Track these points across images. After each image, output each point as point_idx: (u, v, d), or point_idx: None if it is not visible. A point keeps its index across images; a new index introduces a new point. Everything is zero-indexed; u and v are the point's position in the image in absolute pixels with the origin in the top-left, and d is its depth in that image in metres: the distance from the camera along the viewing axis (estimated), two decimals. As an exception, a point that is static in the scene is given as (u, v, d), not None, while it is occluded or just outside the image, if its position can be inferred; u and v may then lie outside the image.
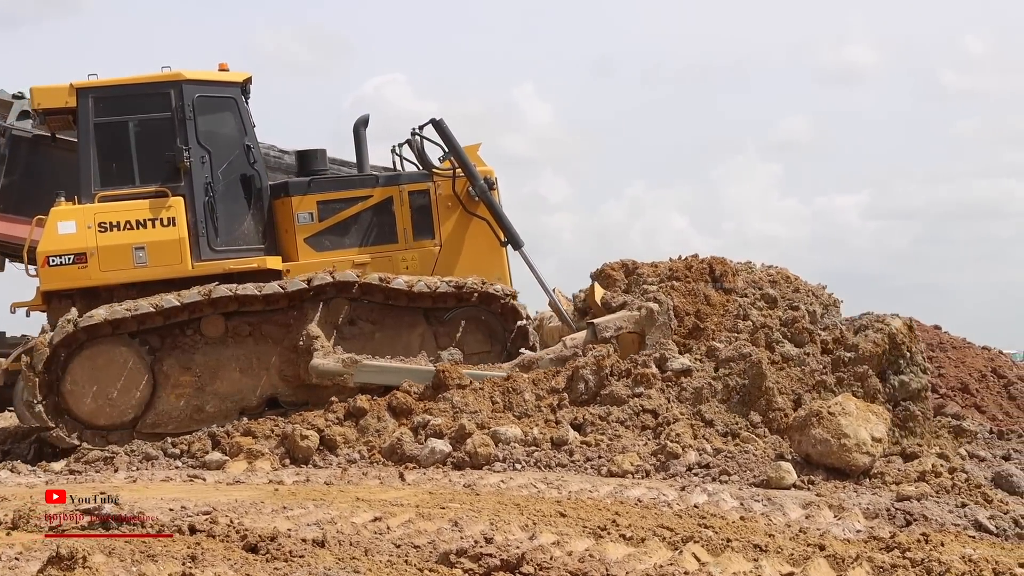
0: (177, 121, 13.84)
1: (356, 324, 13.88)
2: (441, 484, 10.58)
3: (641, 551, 7.37)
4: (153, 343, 13.44)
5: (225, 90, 14.28)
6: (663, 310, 13.34)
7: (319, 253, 14.42)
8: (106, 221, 13.50)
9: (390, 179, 14.96)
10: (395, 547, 7.46)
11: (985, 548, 8.05)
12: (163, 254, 13.58)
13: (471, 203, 14.85)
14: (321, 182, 14.76)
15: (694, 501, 9.58)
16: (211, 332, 13.51)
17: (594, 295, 14.37)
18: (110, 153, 13.88)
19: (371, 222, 14.77)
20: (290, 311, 13.67)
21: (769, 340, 13.00)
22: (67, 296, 13.60)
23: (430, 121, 14.77)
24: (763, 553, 7.38)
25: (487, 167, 15.03)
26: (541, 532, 7.83)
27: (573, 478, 10.77)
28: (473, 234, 14.91)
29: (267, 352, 13.58)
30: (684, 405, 12.36)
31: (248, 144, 14.26)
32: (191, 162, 13.79)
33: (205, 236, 13.86)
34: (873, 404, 11.58)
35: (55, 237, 13.45)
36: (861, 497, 9.93)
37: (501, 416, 12.47)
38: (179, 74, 13.98)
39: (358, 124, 15.28)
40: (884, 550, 7.72)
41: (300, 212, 14.44)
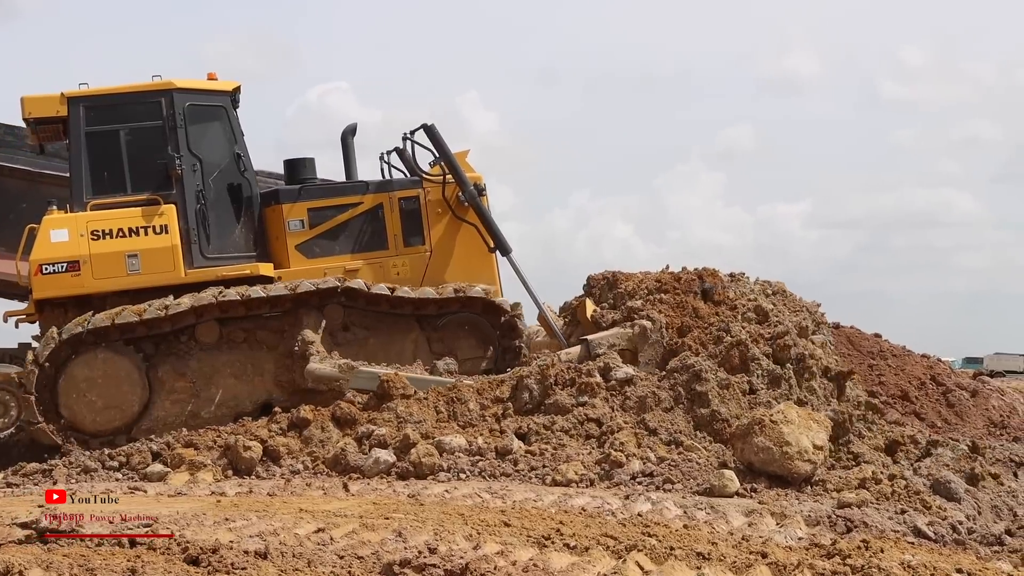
0: (168, 129, 13.94)
1: (350, 330, 14.01)
2: (385, 494, 10.54)
3: (585, 560, 7.40)
4: (148, 350, 13.50)
5: (215, 99, 14.38)
6: (656, 327, 13.46)
7: (310, 260, 14.51)
8: (99, 229, 13.56)
9: (380, 186, 15.06)
10: (339, 558, 7.42)
11: (924, 554, 8.15)
12: (156, 261, 13.65)
13: (460, 209, 14.93)
14: (311, 189, 14.85)
15: (638, 510, 9.62)
16: (206, 338, 13.59)
17: (585, 311, 14.51)
18: (102, 161, 13.94)
19: (362, 229, 14.84)
20: (285, 317, 13.78)
21: (744, 356, 13.04)
22: (60, 304, 13.64)
23: (421, 126, 14.92)
24: (706, 561, 7.44)
25: (476, 173, 15.13)
26: (485, 542, 7.82)
27: (518, 487, 10.78)
28: (463, 240, 15.00)
29: (262, 358, 13.69)
30: (628, 414, 12.41)
31: (238, 152, 14.37)
32: (183, 170, 13.87)
33: (197, 243, 13.96)
34: (815, 412, 11.69)
35: (48, 245, 13.47)
36: (803, 504, 10.03)
37: (446, 426, 12.46)
38: (170, 83, 14.08)
39: (346, 133, 15.41)
40: (825, 557, 7.81)
41: (291, 219, 14.53)
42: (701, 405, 12.42)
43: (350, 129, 15.44)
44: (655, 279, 14.50)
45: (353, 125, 15.51)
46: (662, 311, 13.77)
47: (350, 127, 15.46)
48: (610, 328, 13.74)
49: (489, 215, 14.89)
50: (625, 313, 13.91)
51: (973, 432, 14.82)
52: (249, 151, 14.52)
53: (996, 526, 9.79)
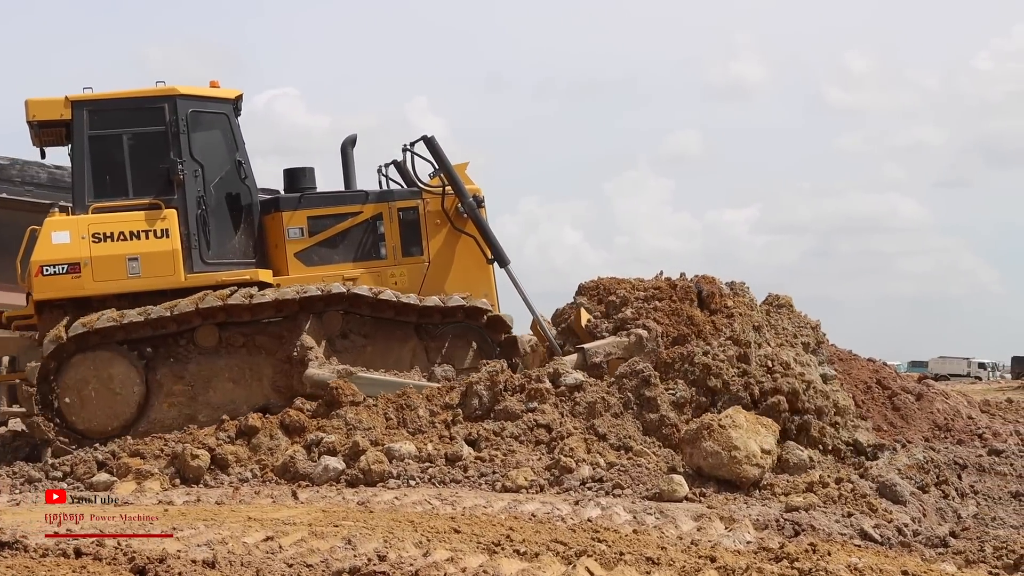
0: (171, 135, 14.05)
1: (348, 337, 14.04)
2: (335, 502, 10.49)
3: (535, 566, 7.41)
4: (147, 352, 13.53)
5: (218, 106, 14.49)
6: (651, 337, 13.52)
7: (308, 268, 14.63)
8: (100, 232, 13.60)
9: (380, 196, 15.17)
10: (287, 566, 7.39)
11: (870, 557, 8.24)
12: (156, 265, 13.70)
13: (459, 220, 15.06)
14: (312, 198, 14.94)
15: (588, 515, 9.65)
16: (205, 342, 13.63)
17: (579, 320, 14.62)
18: (104, 165, 14.03)
19: (361, 238, 14.96)
20: (284, 323, 13.82)
21: (718, 370, 13.08)
22: (59, 306, 13.63)
23: (421, 138, 15.00)
24: (655, 566, 7.48)
25: (475, 185, 15.23)
26: (435, 549, 7.81)
27: (467, 494, 10.77)
28: (461, 251, 15.13)
29: (260, 363, 13.69)
30: (578, 420, 12.45)
31: (239, 159, 14.47)
32: (184, 175, 13.97)
33: (198, 248, 14.04)
34: (762, 417, 11.78)
35: (49, 247, 13.52)
36: (751, 508, 10.10)
37: (395, 432, 12.43)
38: (173, 89, 14.19)
39: (345, 143, 15.53)
40: (773, 560, 7.87)
41: (290, 227, 14.65)
42: (650, 410, 12.49)
43: (350, 140, 15.58)
44: (653, 286, 14.63)
45: (353, 136, 15.64)
46: (657, 319, 13.84)
47: (350, 138, 15.61)
48: (605, 337, 13.82)
49: (488, 227, 15.00)
50: (619, 322, 14.01)
51: (918, 435, 15.02)
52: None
53: (941, 528, 9.91)
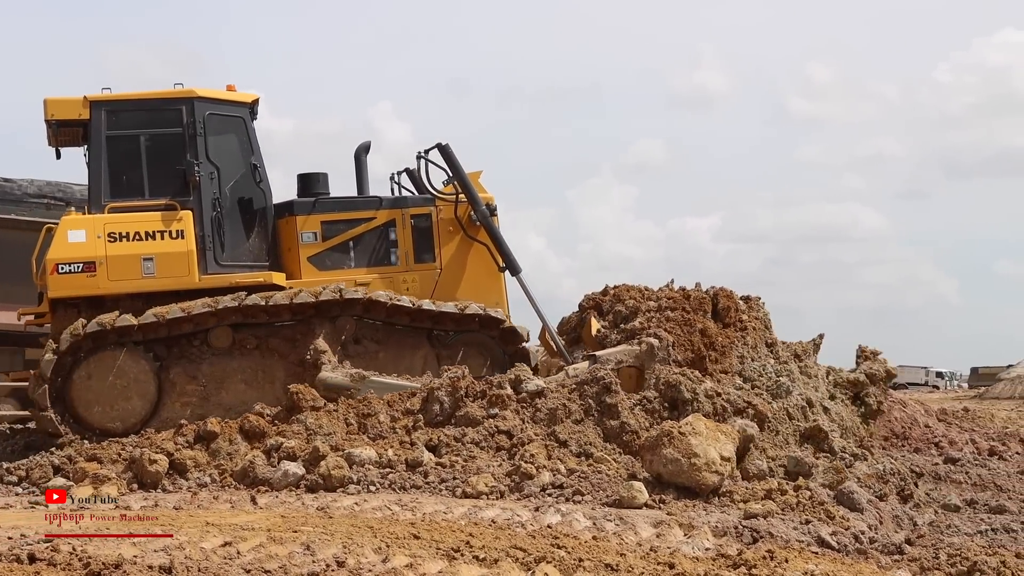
0: (188, 136, 14.13)
1: (361, 343, 14.09)
2: (294, 507, 10.45)
3: (494, 572, 7.41)
4: (160, 352, 13.63)
5: (235, 109, 14.57)
6: (663, 346, 13.56)
7: (321, 272, 14.70)
8: (116, 231, 13.68)
9: (394, 202, 15.29)
10: (245, 572, 7.34)
11: (827, 563, 8.29)
12: (171, 266, 13.79)
13: (472, 228, 15.15)
14: (326, 203, 15.02)
15: (547, 521, 9.65)
16: (218, 343, 13.72)
17: (590, 328, 14.76)
18: (121, 165, 14.15)
19: (373, 243, 15.08)
20: (298, 326, 13.91)
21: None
22: (73, 304, 13.72)
23: (436, 146, 15.04)
24: (614, 572, 7.50)
25: (488, 194, 15.28)
26: (394, 555, 7.79)
27: (428, 500, 10.75)
28: (473, 259, 15.22)
29: (273, 365, 13.76)
30: (539, 426, 12.46)
31: (255, 163, 14.54)
32: (200, 177, 14.08)
33: (212, 250, 14.14)
34: (723, 424, 11.84)
35: (65, 245, 13.60)
36: (710, 515, 10.14)
37: (356, 438, 12.39)
38: (192, 91, 14.27)
39: (359, 150, 15.62)
40: (731, 567, 7.91)
41: (304, 231, 14.77)
42: (611, 417, 12.51)
43: (364, 147, 15.68)
44: (666, 296, 14.72)
45: (367, 143, 15.72)
46: (668, 329, 13.89)
47: (364, 145, 15.70)
48: (615, 345, 13.92)
49: (500, 235, 15.09)
50: (629, 331, 14.08)
51: (876, 442, 15.13)
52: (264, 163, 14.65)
53: (896, 535, 9.99)
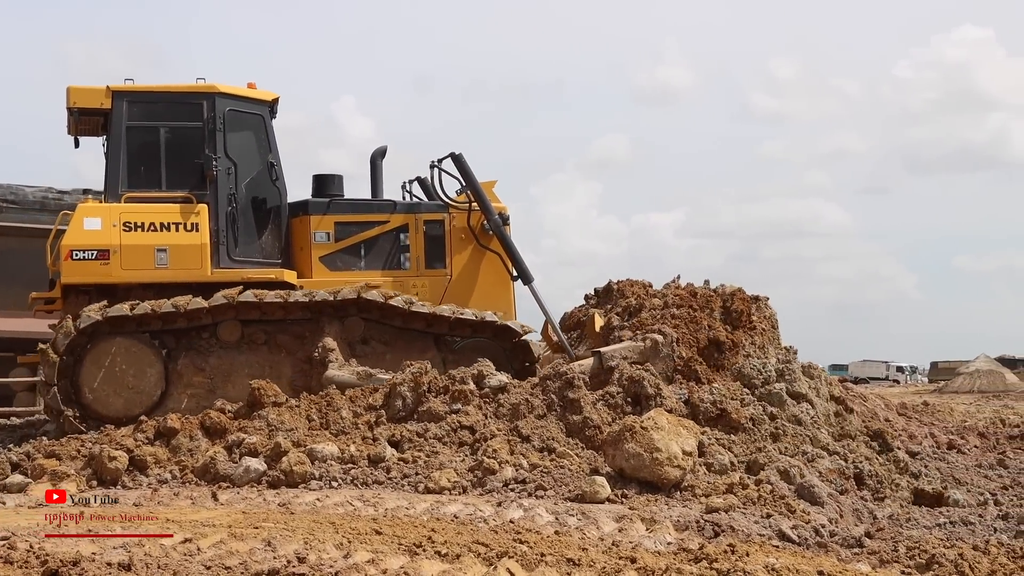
0: (207, 131, 14.38)
1: (369, 343, 14.30)
2: (255, 503, 10.38)
3: (456, 567, 7.39)
4: (169, 343, 13.89)
5: (255, 107, 14.84)
6: (667, 342, 13.62)
7: (332, 272, 14.97)
8: (131, 221, 13.90)
9: (408, 207, 15.58)
10: (205, 568, 7.29)
11: (787, 557, 8.33)
12: (184, 258, 14.02)
13: (484, 236, 15.43)
14: (340, 204, 15.30)
15: (510, 516, 9.65)
16: (227, 337, 13.94)
17: (594, 325, 14.97)
18: (139, 156, 14.37)
19: (385, 247, 15.37)
20: (307, 323, 14.11)
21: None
22: (85, 292, 13.98)
23: (449, 155, 15.25)
24: (576, 567, 7.50)
25: (501, 204, 15.53)
26: (356, 550, 7.76)
27: (390, 495, 10.72)
28: (483, 267, 15.53)
29: (280, 361, 13.91)
30: (501, 421, 12.47)
31: (271, 161, 14.80)
32: (218, 172, 14.30)
33: (226, 244, 14.38)
34: (684, 419, 11.87)
35: (80, 232, 13.82)
36: (672, 510, 10.16)
37: (318, 434, 12.35)
38: (213, 86, 14.55)
39: (375, 155, 15.88)
40: (693, 561, 7.92)
41: (317, 231, 15.04)
42: (573, 412, 12.53)
43: (380, 151, 15.92)
44: (673, 293, 14.75)
45: (383, 148, 15.98)
46: (676, 326, 13.95)
47: (380, 150, 15.95)
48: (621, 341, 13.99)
49: (513, 244, 15.34)
50: (634, 327, 14.19)
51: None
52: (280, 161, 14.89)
53: (856, 529, 10.05)
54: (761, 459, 12.01)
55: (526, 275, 15.27)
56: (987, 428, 21.48)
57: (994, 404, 34.26)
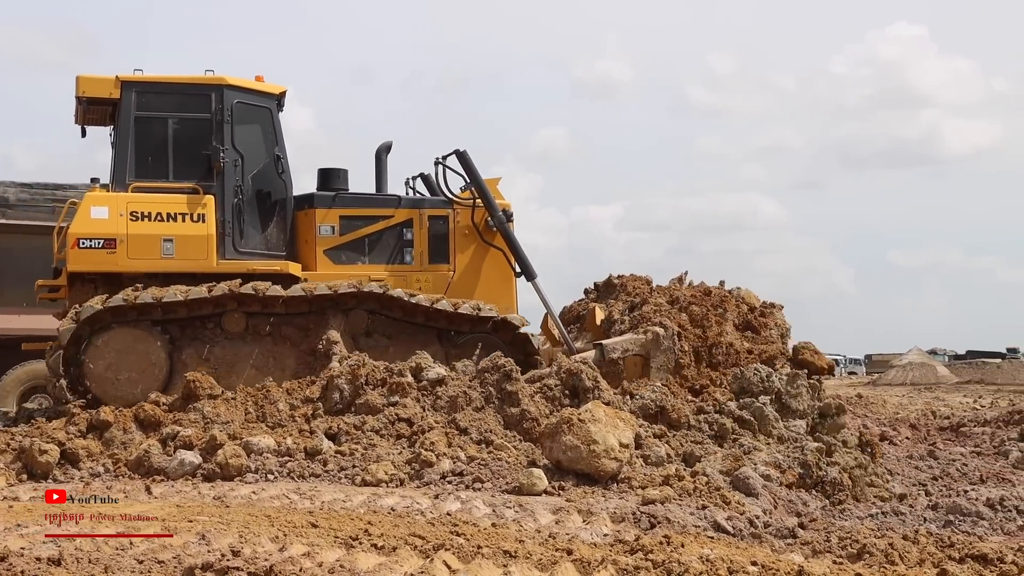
0: (215, 123, 14.43)
1: (372, 336, 14.32)
2: (190, 496, 10.28)
3: (392, 560, 7.37)
4: (173, 332, 13.88)
5: (262, 100, 14.90)
6: (668, 334, 13.64)
7: (336, 266, 15.05)
8: (138, 211, 13.98)
9: (413, 202, 15.68)
10: (138, 563, 7.20)
11: (722, 548, 8.40)
12: (190, 248, 14.11)
13: (488, 233, 15.53)
14: (346, 198, 15.37)
15: (447, 509, 9.64)
16: (232, 327, 13.95)
17: (594, 318, 15.13)
18: (147, 146, 14.41)
19: (390, 241, 15.45)
20: (312, 316, 14.13)
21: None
22: (90, 280, 14.07)
23: (453, 152, 15.38)
24: (512, 559, 7.50)
25: (505, 200, 15.66)
26: (291, 543, 7.72)
27: (327, 488, 10.67)
28: (486, 263, 15.62)
29: (284, 353, 13.86)
30: (439, 414, 12.44)
31: (278, 154, 14.86)
32: (225, 163, 14.38)
33: (231, 236, 14.45)
34: (621, 411, 11.92)
35: (87, 220, 13.88)
36: (609, 502, 10.20)
37: (254, 426, 12.26)
38: (222, 78, 14.57)
39: (380, 150, 15.92)
40: (628, 552, 7.96)
41: (322, 224, 15.12)
42: (511, 404, 12.53)
43: (385, 146, 15.94)
44: (683, 291, 14.82)
45: (388, 143, 15.99)
46: (681, 323, 14.03)
47: (385, 144, 15.97)
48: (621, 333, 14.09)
49: (516, 241, 15.44)
50: (635, 320, 14.31)
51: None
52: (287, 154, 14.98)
53: (790, 519, 10.16)
54: (697, 451, 12.09)
55: (529, 271, 15.42)
56: (918, 420, 21.82)
57: (926, 396, 34.76)
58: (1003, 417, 22.44)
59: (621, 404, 12.64)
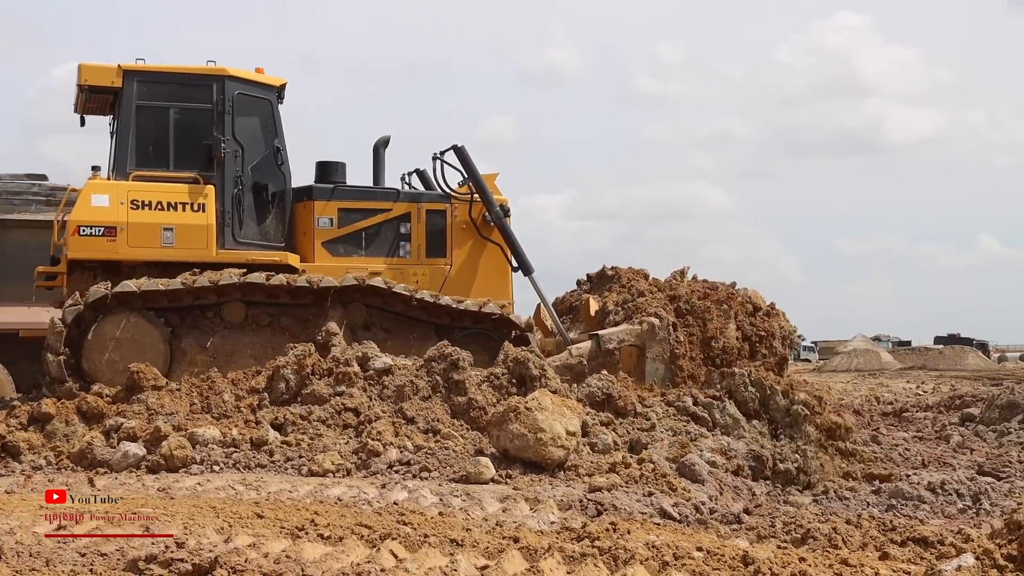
0: (216, 113, 14.45)
1: (370, 329, 14.28)
2: (134, 489, 10.16)
3: (339, 550, 7.33)
4: (173, 320, 13.88)
5: (263, 91, 14.93)
6: (663, 325, 13.62)
7: (334, 258, 15.10)
8: (139, 199, 13.99)
9: (411, 196, 15.74)
10: (80, 556, 7.12)
11: (668, 534, 8.45)
12: (190, 237, 14.13)
13: (485, 228, 15.56)
14: (344, 191, 15.39)
15: (394, 498, 9.61)
16: (231, 317, 13.97)
17: (588, 309, 15.25)
18: (148, 135, 14.44)
19: (387, 234, 15.46)
20: (311, 307, 14.18)
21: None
22: (90, 268, 14.10)
23: (451, 147, 15.47)
24: (459, 547, 7.49)
25: (503, 196, 15.71)
26: (237, 535, 7.66)
27: (273, 479, 10.59)
28: (483, 257, 15.64)
29: (283, 343, 13.64)
30: (386, 403, 12.41)
31: (278, 146, 14.89)
32: (225, 154, 14.39)
33: (231, 226, 14.47)
34: (568, 399, 11.94)
35: (88, 208, 13.86)
36: (556, 489, 10.23)
37: (199, 418, 12.16)
38: (223, 69, 14.61)
39: (378, 144, 15.98)
40: (575, 540, 7.97)
41: (321, 217, 15.14)
42: (458, 393, 12.52)
43: (383, 141, 16.02)
44: (688, 285, 14.96)
45: (386, 137, 16.07)
46: (679, 310, 14.18)
47: (383, 139, 16.03)
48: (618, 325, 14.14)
49: (514, 236, 15.50)
50: (630, 311, 14.39)
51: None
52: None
53: (735, 505, 10.24)
54: (644, 439, 12.15)
55: (526, 266, 15.52)
56: (862, 406, 22.12)
57: (870, 382, 35.20)
58: (944, 402, 22.84)
59: (568, 392, 12.66)
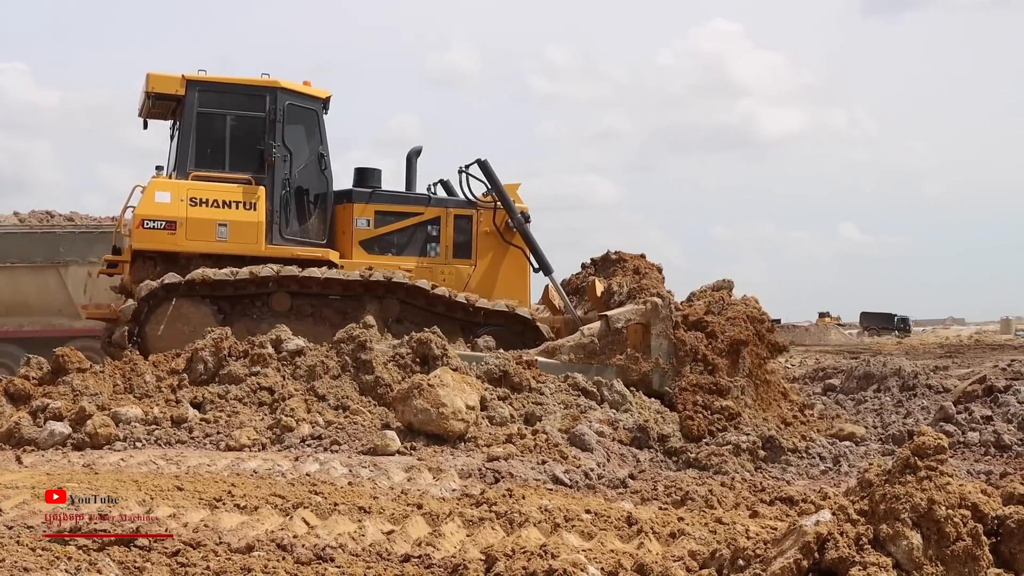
0: (268, 122, 14.94)
1: (403, 323, 14.55)
2: (60, 465, 9.98)
3: (254, 519, 7.32)
4: (225, 308, 14.33)
5: (310, 103, 15.39)
6: (665, 304, 13.72)
7: (369, 255, 15.52)
8: (197, 197, 14.47)
9: (441, 202, 16.19)
10: (7, 528, 6.99)
11: (559, 499, 8.57)
12: (242, 233, 14.64)
13: (508, 233, 16.02)
14: (381, 195, 15.90)
15: (306, 470, 9.59)
16: (279, 307, 14.44)
17: (594, 290, 15.58)
18: (207, 140, 14.88)
19: (419, 236, 15.95)
20: (350, 300, 14.63)
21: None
22: (151, 258, 14.55)
23: (476, 161, 15.90)
24: (367, 514, 7.53)
25: (523, 204, 16.16)
26: (158, 506, 7.59)
27: (192, 454, 10.48)
28: (505, 261, 16.11)
29: (323, 333, 13.78)
30: (299, 382, 12.35)
31: (322, 152, 15.35)
32: (275, 159, 14.89)
33: (279, 224, 14.97)
34: (467, 376, 12.01)
35: (152, 204, 14.37)
36: (457, 459, 10.29)
37: (122, 397, 11.96)
38: (276, 82, 15.13)
39: (411, 154, 16.40)
40: (474, 505, 8.05)
41: (359, 218, 15.63)
42: (366, 372, 12.52)
43: (415, 151, 16.45)
44: (712, 293, 15.11)
45: (419, 148, 16.52)
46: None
47: (415, 149, 16.48)
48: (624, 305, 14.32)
49: (535, 240, 15.95)
50: (633, 291, 14.65)
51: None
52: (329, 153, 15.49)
53: (621, 471, 10.40)
54: (538, 412, 12.26)
55: (547, 267, 15.93)
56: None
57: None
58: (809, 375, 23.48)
59: (468, 370, 12.72)
